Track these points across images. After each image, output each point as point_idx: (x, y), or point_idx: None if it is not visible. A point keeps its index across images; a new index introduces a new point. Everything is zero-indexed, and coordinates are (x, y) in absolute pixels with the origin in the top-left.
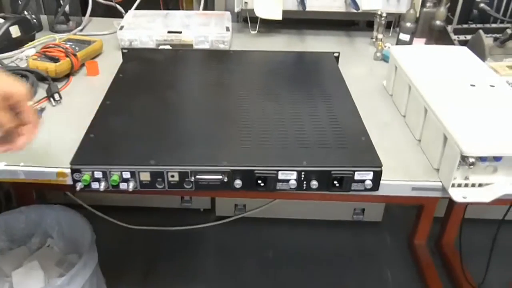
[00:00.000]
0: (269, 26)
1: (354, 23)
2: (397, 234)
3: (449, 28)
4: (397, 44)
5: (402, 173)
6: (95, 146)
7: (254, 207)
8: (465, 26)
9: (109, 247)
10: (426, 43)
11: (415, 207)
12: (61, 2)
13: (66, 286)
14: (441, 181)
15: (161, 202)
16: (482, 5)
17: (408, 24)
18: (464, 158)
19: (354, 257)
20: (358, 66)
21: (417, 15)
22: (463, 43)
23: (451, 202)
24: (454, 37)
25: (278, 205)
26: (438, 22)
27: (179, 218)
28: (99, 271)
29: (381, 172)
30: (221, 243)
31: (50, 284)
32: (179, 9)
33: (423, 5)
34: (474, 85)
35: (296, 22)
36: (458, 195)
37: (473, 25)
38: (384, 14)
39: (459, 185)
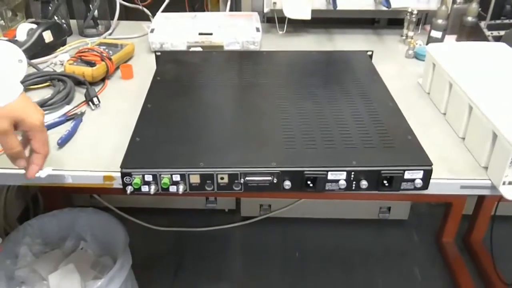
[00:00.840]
0: (296, 26)
1: (375, 21)
2: (424, 232)
3: (483, 24)
4: (428, 41)
5: (448, 171)
6: (142, 150)
7: (279, 207)
8: (498, 21)
9: (135, 249)
10: (457, 40)
11: (441, 205)
12: (90, 6)
13: None
14: (490, 179)
15: (185, 203)
16: None
17: (440, 21)
18: None
19: (381, 255)
20: (390, 64)
21: (449, 11)
22: (496, 38)
23: (480, 199)
24: (488, 33)
25: (303, 205)
26: (470, 18)
27: (204, 219)
28: (132, 273)
29: (431, 170)
30: (246, 244)
31: (88, 287)
32: (204, 10)
33: (453, 1)
34: None
35: (321, 21)
36: (510, 193)
37: (506, 21)
38: (415, 12)
39: (510, 183)
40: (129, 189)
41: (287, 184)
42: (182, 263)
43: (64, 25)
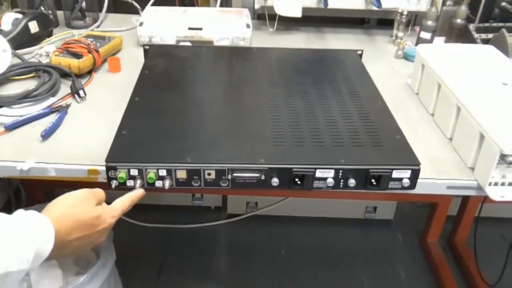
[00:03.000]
0: (286, 24)
1: (365, 21)
2: (408, 232)
3: (471, 27)
4: (417, 42)
5: (435, 171)
6: (128, 143)
7: (266, 205)
8: (486, 24)
9: (120, 244)
10: (445, 42)
11: (426, 206)
12: None
13: (87, 284)
14: (476, 180)
15: (171, 200)
16: (503, 3)
17: (430, 23)
18: (503, 157)
19: (366, 255)
20: (380, 64)
21: (438, 13)
22: (484, 41)
23: (465, 201)
24: (476, 35)
25: (290, 203)
26: (458, 21)
27: (190, 216)
28: (116, 269)
29: (419, 170)
30: (232, 241)
31: (70, 283)
32: (194, 5)
33: (443, 3)
34: (506, 84)
35: (312, 19)
36: (495, 194)
37: (495, 24)
38: (405, 12)
39: (496, 184)
40: (114, 183)
41: (275, 181)
42: (167, 260)
43: (51, 16)
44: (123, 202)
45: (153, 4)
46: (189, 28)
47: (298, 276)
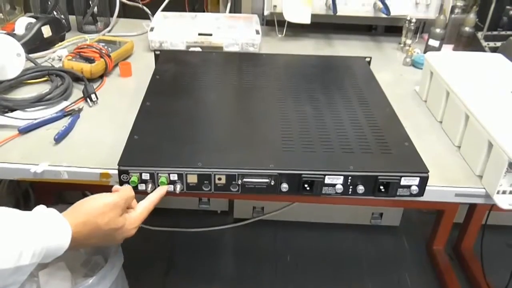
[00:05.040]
0: (295, 30)
1: (372, 28)
2: (415, 239)
3: (480, 35)
4: (425, 50)
5: (443, 179)
6: (140, 148)
7: (272, 210)
8: (494, 32)
9: (127, 247)
10: (454, 49)
11: (432, 212)
12: (90, 2)
13: (95, 286)
14: (484, 188)
15: (178, 204)
16: None
17: (438, 30)
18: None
19: (372, 261)
20: (388, 71)
21: (447, 21)
22: (493, 49)
23: (471, 208)
24: (484, 43)
25: (296, 208)
26: (467, 29)
27: (196, 219)
28: (123, 272)
29: (427, 177)
30: (238, 246)
31: (78, 284)
32: (204, 11)
33: (451, 11)
34: None
35: (320, 26)
36: (504, 202)
37: (503, 32)
38: (413, 20)
39: (504, 192)
40: None
41: (284, 186)
42: (173, 263)
43: (63, 20)
44: (148, 208)
45: (163, 10)
46: (199, 34)
47: (303, 281)
